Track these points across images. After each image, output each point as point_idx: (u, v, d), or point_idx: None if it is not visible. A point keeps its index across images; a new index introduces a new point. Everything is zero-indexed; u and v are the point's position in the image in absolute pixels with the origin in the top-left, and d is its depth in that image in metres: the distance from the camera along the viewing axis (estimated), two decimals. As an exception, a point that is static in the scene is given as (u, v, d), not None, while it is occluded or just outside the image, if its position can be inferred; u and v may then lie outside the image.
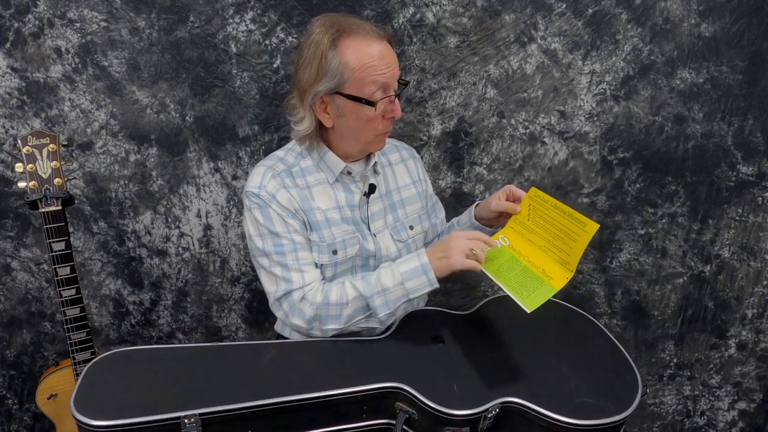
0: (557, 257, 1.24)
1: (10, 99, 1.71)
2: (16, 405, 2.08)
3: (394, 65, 1.24)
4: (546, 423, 1.08)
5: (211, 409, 1.02)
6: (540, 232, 1.28)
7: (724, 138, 1.85)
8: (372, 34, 1.21)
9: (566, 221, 1.22)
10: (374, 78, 1.20)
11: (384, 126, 1.29)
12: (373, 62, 1.19)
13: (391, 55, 1.24)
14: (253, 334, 2.05)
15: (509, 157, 1.87)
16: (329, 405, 1.10)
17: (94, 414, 0.99)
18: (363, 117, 1.24)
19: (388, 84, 1.22)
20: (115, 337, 2.03)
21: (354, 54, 1.19)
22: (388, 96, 1.24)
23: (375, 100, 1.21)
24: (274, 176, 1.30)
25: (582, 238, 1.19)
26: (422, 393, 1.09)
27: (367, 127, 1.27)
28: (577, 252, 1.20)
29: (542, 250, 1.27)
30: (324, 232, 1.32)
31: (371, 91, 1.21)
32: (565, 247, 1.23)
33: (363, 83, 1.20)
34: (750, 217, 1.95)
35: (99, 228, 1.88)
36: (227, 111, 1.78)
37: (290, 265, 1.29)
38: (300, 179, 1.33)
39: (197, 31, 1.69)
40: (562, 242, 1.23)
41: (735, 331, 2.10)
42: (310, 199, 1.33)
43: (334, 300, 1.27)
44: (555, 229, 1.25)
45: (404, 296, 1.26)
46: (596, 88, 1.80)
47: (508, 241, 1.32)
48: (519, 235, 1.32)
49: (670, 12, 1.72)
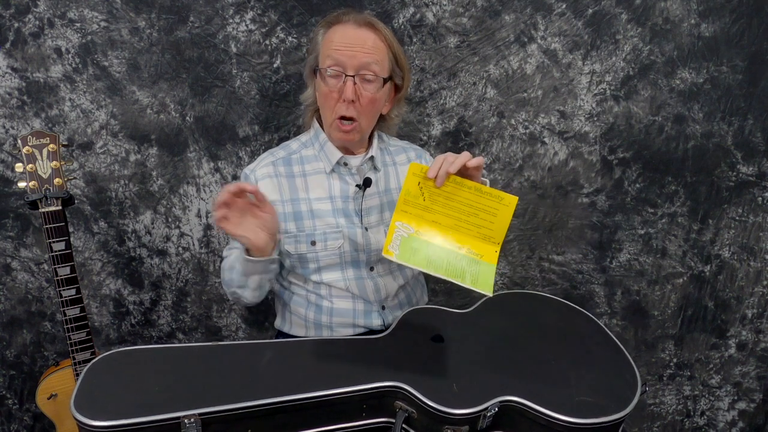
0: (476, 233, 1.18)
1: (10, 99, 1.71)
2: (16, 405, 2.08)
3: (359, 49, 1.28)
4: (545, 421, 1.07)
5: (211, 409, 1.02)
6: (445, 211, 1.19)
7: (724, 138, 1.85)
8: (353, 20, 1.31)
9: (475, 196, 1.16)
10: (330, 52, 1.29)
11: (341, 108, 1.31)
12: (336, 38, 1.29)
13: (360, 39, 1.29)
14: (253, 334, 2.05)
15: (509, 157, 1.88)
16: (329, 404, 1.10)
17: (94, 414, 0.99)
18: (320, 90, 1.34)
19: (342, 62, 1.28)
20: (115, 337, 2.03)
21: (330, 33, 1.31)
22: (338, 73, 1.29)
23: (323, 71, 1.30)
24: (268, 164, 1.41)
25: (503, 212, 1.16)
26: (422, 392, 1.09)
27: (325, 104, 1.34)
28: (501, 226, 1.17)
29: (455, 231, 1.19)
30: (305, 222, 1.38)
31: (327, 64, 1.30)
32: (484, 222, 1.18)
33: (324, 57, 1.31)
34: (750, 217, 1.95)
35: (99, 228, 1.88)
36: (227, 111, 1.78)
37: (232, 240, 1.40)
38: (297, 166, 1.42)
39: (197, 31, 1.69)
40: (478, 218, 1.17)
41: (735, 331, 2.10)
42: (301, 188, 1.40)
43: (224, 266, 1.39)
44: (464, 205, 1.17)
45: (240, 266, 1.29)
46: (596, 88, 1.80)
47: (412, 228, 1.20)
48: (419, 219, 1.19)
49: (670, 12, 1.72)
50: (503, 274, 2.02)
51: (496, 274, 1.13)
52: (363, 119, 1.34)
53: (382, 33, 1.32)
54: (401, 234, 1.19)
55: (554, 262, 2.01)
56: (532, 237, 1.97)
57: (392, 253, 1.18)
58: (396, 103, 1.45)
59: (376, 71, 1.30)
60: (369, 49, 1.29)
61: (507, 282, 2.03)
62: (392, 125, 1.52)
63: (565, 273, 2.02)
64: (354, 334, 1.45)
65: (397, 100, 1.45)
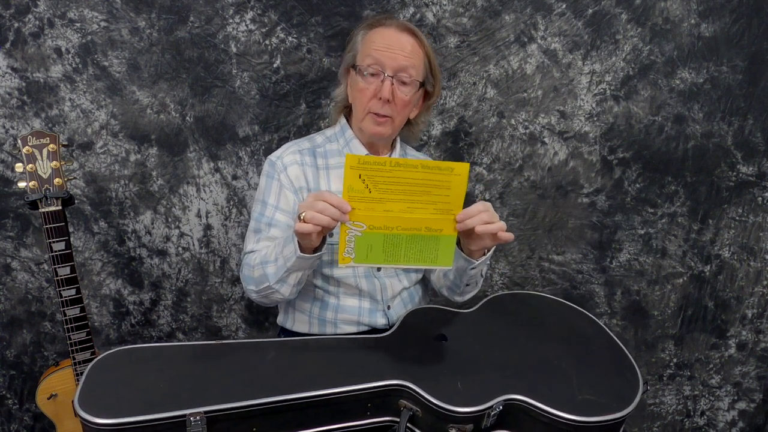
0: (432, 210, 1.14)
1: (10, 99, 1.71)
2: (16, 405, 2.07)
3: (400, 52, 1.32)
4: (548, 420, 1.08)
5: (216, 407, 1.02)
6: (394, 197, 1.12)
7: (724, 138, 1.85)
8: (396, 24, 1.36)
9: (423, 174, 1.10)
10: (371, 51, 1.32)
11: (375, 105, 1.34)
12: (377, 39, 1.33)
13: (401, 43, 1.33)
14: (253, 334, 2.05)
15: (509, 157, 1.88)
16: (334, 403, 1.10)
17: (98, 412, 0.99)
18: (355, 86, 1.36)
19: (383, 62, 1.31)
20: (115, 337, 2.02)
21: (372, 34, 1.35)
22: (377, 72, 1.32)
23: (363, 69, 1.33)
24: (295, 152, 1.42)
25: (456, 182, 1.11)
26: (426, 390, 1.09)
27: (358, 98, 1.37)
28: (457, 196, 1.13)
29: (410, 213, 1.14)
30: None
31: (367, 63, 1.33)
32: (438, 198, 1.13)
33: (364, 55, 1.34)
34: (750, 217, 1.95)
35: (99, 228, 1.87)
36: (227, 111, 1.78)
37: (258, 235, 1.39)
38: (321, 159, 1.44)
39: (197, 31, 1.69)
40: (431, 195, 1.12)
41: (735, 331, 2.11)
42: (324, 180, 1.42)
43: (252, 262, 1.33)
44: (413, 186, 1.11)
45: (284, 264, 1.24)
46: (596, 88, 1.80)
47: (364, 225, 1.14)
48: (369, 212, 1.13)
49: (670, 12, 1.72)
50: (503, 274, 2.02)
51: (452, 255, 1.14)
52: (396, 118, 1.38)
53: (421, 40, 1.36)
54: (354, 234, 1.15)
55: (554, 262, 2.01)
56: (532, 237, 1.98)
57: (348, 259, 1.16)
58: (425, 109, 1.48)
59: (413, 74, 1.34)
60: (408, 53, 1.33)
61: (507, 282, 2.03)
62: (416, 131, 1.55)
63: (565, 273, 2.02)
64: (357, 332, 1.45)
65: (426, 107, 1.48)
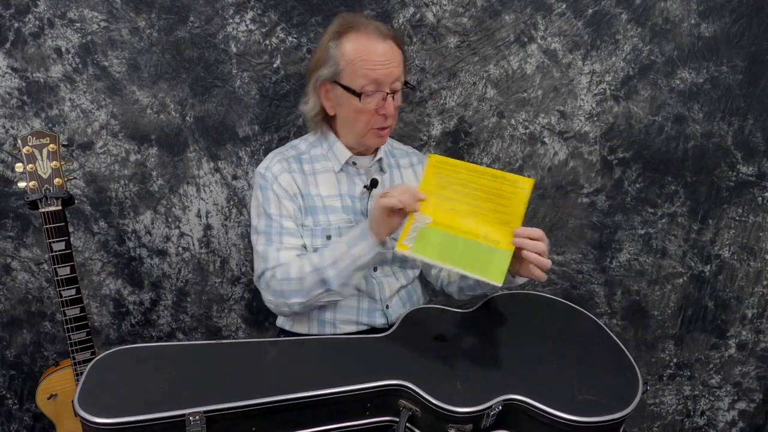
0: (494, 219, 1.18)
1: (10, 99, 1.71)
2: (16, 405, 2.07)
3: (393, 64, 1.29)
4: (548, 420, 1.07)
5: (216, 406, 1.02)
6: (462, 199, 1.20)
7: (724, 138, 1.85)
8: (375, 32, 1.28)
9: (490, 182, 1.18)
10: (366, 72, 1.27)
11: (378, 121, 1.33)
12: (367, 56, 1.26)
13: (391, 53, 1.29)
14: (253, 334, 2.05)
15: (509, 157, 1.88)
16: (333, 402, 1.10)
17: (98, 411, 0.99)
18: (353, 108, 1.31)
19: (381, 80, 1.28)
20: (115, 337, 2.02)
21: (352, 47, 1.27)
22: (380, 92, 1.29)
23: (362, 92, 1.27)
24: (281, 160, 1.40)
25: (519, 196, 1.17)
26: (426, 390, 1.09)
27: (358, 119, 1.33)
28: (518, 210, 1.17)
29: (473, 216, 1.19)
30: (320, 217, 1.39)
31: (362, 84, 1.27)
32: (499, 207, 1.18)
33: (356, 75, 1.27)
34: (750, 217, 1.95)
35: (99, 228, 1.87)
36: (227, 111, 1.78)
37: (273, 246, 1.36)
38: (307, 165, 1.42)
39: (197, 31, 1.69)
40: (494, 203, 1.18)
41: (735, 331, 2.10)
42: (313, 185, 1.41)
43: (294, 275, 1.31)
44: (479, 191, 1.19)
45: (353, 263, 1.28)
46: (596, 88, 1.80)
47: (430, 217, 1.21)
48: (437, 208, 1.21)
49: (670, 12, 1.72)
50: (503, 274, 2.02)
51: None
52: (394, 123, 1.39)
53: (400, 41, 1.34)
54: (418, 226, 1.21)
55: (554, 262, 2.01)
56: (533, 237, 1.97)
57: (407, 247, 1.20)
58: None
59: (402, 78, 1.33)
60: (398, 61, 1.31)
61: (507, 282, 2.03)
62: None
63: (565, 273, 2.02)
64: (357, 331, 1.45)
65: None
